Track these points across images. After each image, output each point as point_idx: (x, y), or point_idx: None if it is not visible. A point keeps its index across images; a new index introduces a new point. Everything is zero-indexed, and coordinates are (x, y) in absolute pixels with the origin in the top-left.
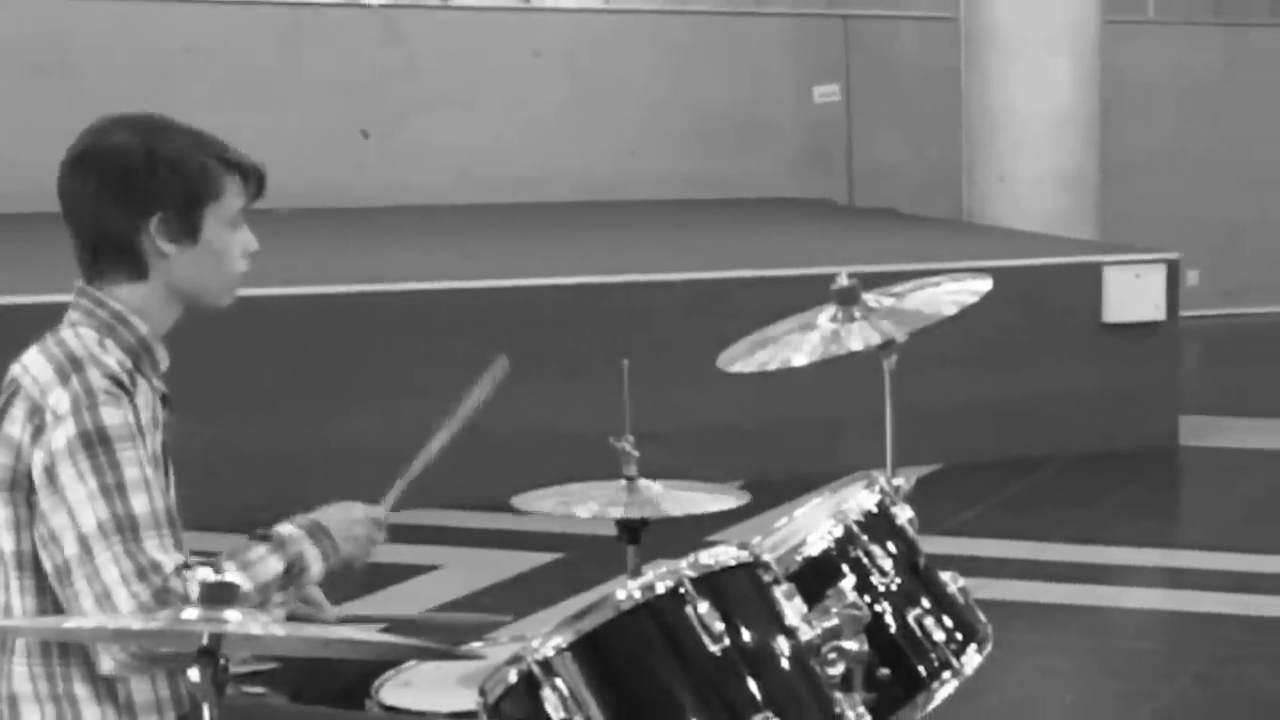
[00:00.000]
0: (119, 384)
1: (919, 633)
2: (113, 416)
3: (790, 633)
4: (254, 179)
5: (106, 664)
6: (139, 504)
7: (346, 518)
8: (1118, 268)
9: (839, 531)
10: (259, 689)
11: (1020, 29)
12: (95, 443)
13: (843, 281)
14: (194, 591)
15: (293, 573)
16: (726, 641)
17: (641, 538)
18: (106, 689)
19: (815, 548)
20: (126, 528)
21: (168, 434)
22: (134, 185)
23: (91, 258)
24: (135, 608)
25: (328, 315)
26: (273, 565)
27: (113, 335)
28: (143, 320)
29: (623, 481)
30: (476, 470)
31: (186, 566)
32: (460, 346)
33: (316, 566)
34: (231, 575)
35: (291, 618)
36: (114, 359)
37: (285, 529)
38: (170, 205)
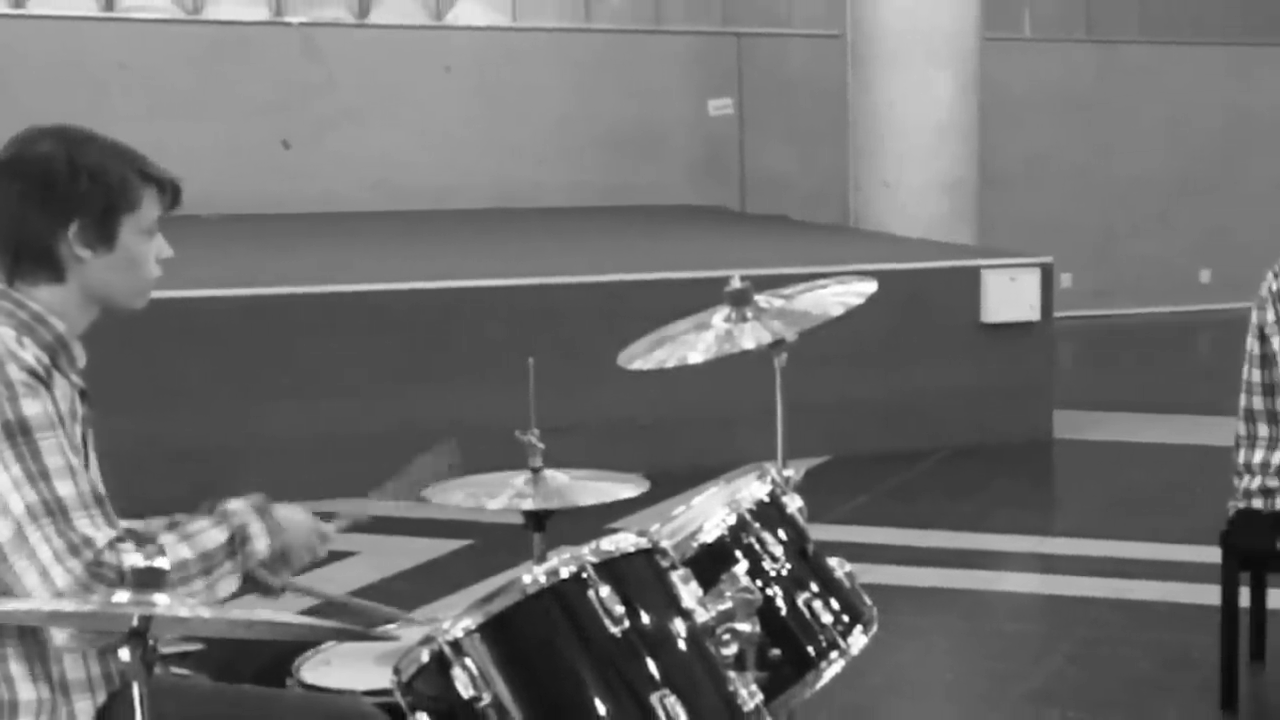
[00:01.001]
0: (36, 376)
1: (808, 615)
2: (32, 407)
3: (687, 615)
4: (170, 191)
5: (59, 638)
6: (64, 488)
7: (294, 514)
8: (995, 271)
9: (733, 520)
10: (185, 670)
11: (904, 45)
12: (16, 432)
13: (736, 284)
14: (129, 562)
15: (236, 543)
16: (626, 623)
17: (547, 525)
18: (41, 668)
19: (710, 535)
20: (55, 510)
21: (86, 427)
22: (56, 193)
23: (12, 260)
24: (71, 583)
25: (252, 316)
26: (215, 535)
27: (31, 334)
28: (60, 320)
29: (529, 473)
30: (392, 461)
31: (121, 540)
32: (377, 345)
33: (261, 542)
34: (172, 546)
35: (249, 579)
36: (31, 355)
37: (232, 504)
38: (89, 213)
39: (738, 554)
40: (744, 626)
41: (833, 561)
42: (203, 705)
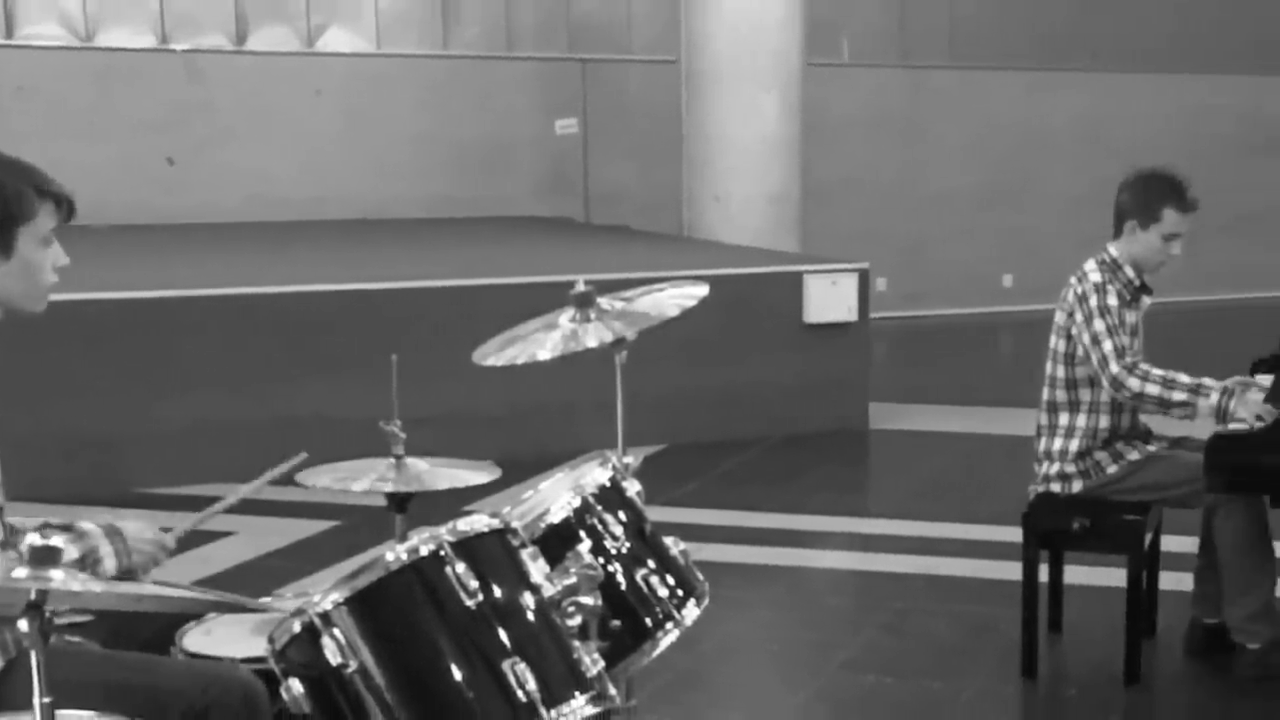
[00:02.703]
0: None
1: (646, 589)
2: None
3: (535, 590)
4: (65, 204)
5: None
6: None
7: (140, 532)
8: (816, 276)
9: (577, 502)
10: (77, 638)
11: (733, 69)
12: None
13: (580, 288)
14: (26, 542)
15: (87, 563)
16: (480, 597)
17: (408, 508)
18: None
19: (557, 516)
20: None
21: None
22: None
23: None
24: None
25: (139, 317)
26: (69, 553)
27: None
28: None
29: (392, 459)
30: (266, 449)
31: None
32: (253, 344)
33: (109, 562)
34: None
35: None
36: None
37: (85, 525)
38: None
39: (582, 534)
40: (587, 600)
41: (668, 540)
42: (94, 670)
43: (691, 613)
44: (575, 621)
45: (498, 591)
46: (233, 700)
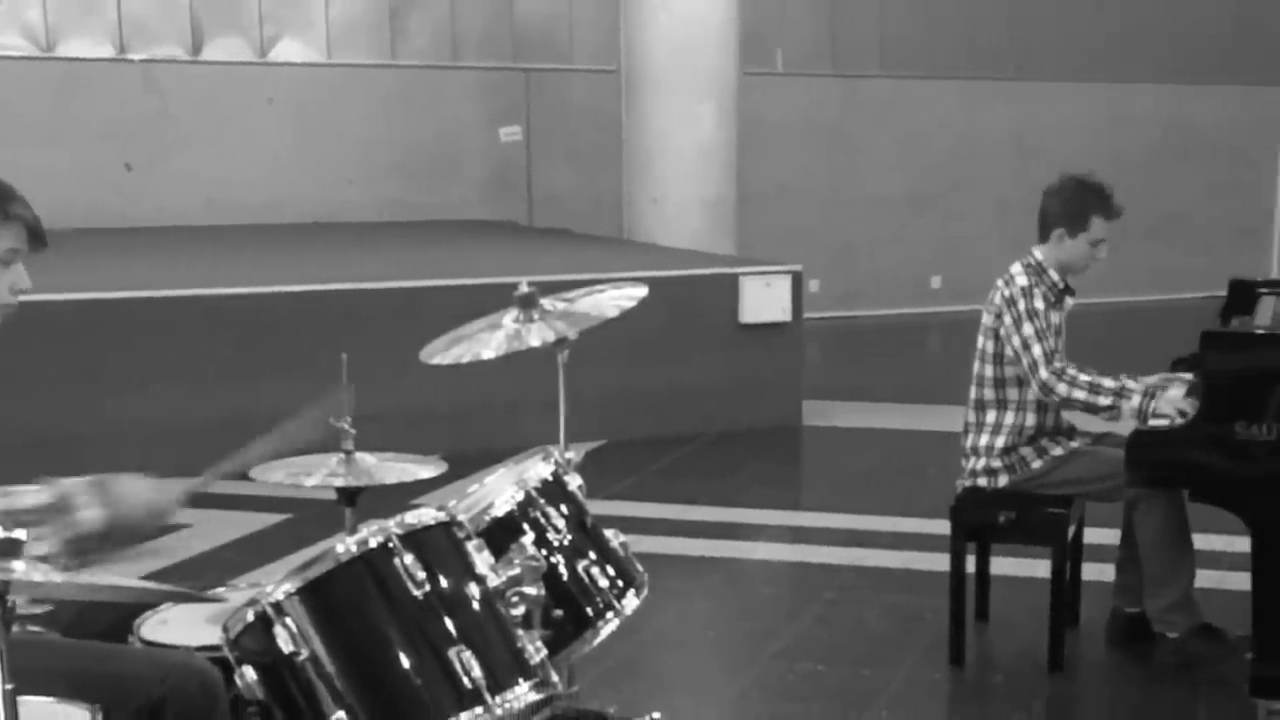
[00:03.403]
0: None
1: (587, 580)
2: None
3: (480, 580)
4: (33, 231)
5: None
6: None
7: (134, 484)
8: (751, 277)
9: (521, 496)
10: (38, 627)
11: (671, 79)
12: None
13: (524, 289)
14: None
15: (59, 507)
16: (428, 587)
17: (357, 501)
18: None
19: (501, 509)
20: None
21: None
22: None
23: None
24: None
25: (98, 317)
26: (35, 497)
27: None
28: None
29: (342, 455)
30: (219, 445)
31: None
32: (208, 343)
33: (90, 512)
34: None
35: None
36: None
37: (65, 480)
38: None
39: (525, 526)
40: (531, 590)
41: (609, 533)
42: (54, 658)
43: (631, 602)
44: (519, 611)
45: (444, 582)
46: (190, 687)
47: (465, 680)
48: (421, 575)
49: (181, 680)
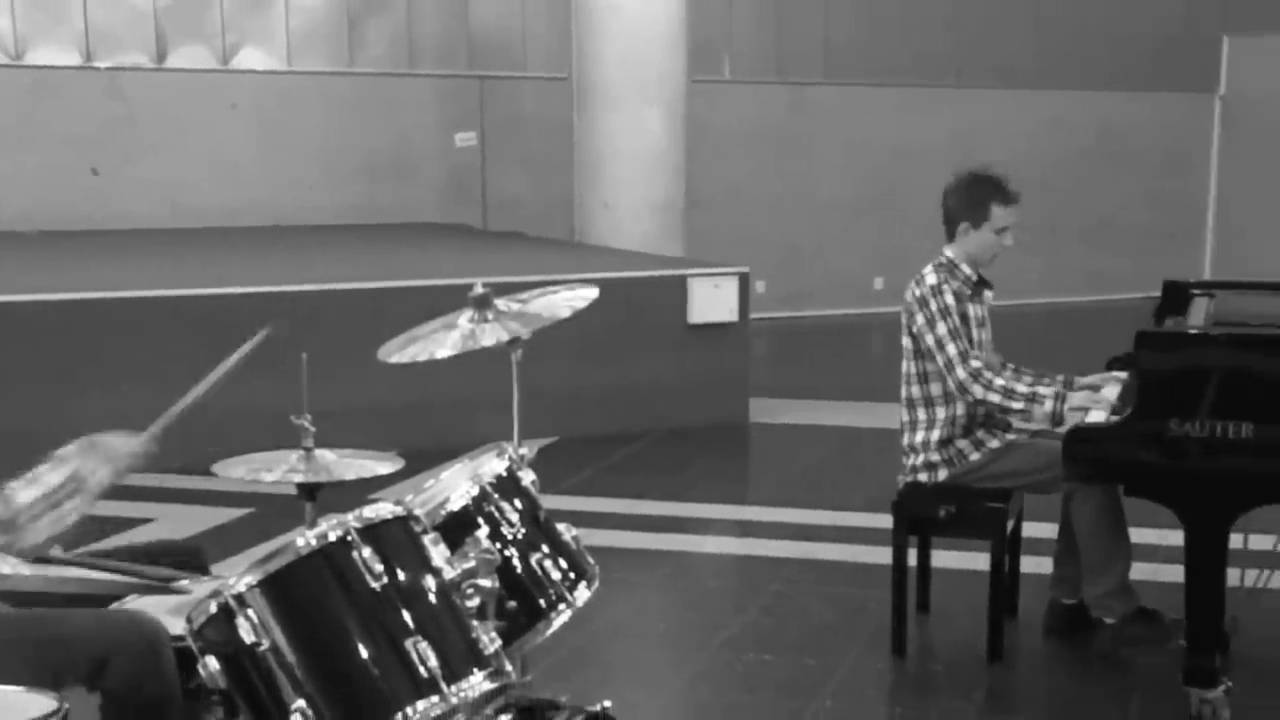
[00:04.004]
0: None
1: (540, 572)
2: None
3: (436, 573)
4: None
5: None
6: None
7: (116, 439)
8: (700, 279)
9: (475, 491)
10: None
11: (621, 86)
12: None
13: (478, 290)
14: None
15: (76, 479)
16: (385, 580)
17: (317, 496)
18: None
19: (456, 504)
20: None
21: None
22: None
23: None
24: None
25: (65, 316)
26: (57, 475)
27: None
28: None
29: (302, 451)
30: (185, 441)
31: None
32: (172, 342)
33: (98, 475)
34: (19, 490)
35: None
36: None
37: (63, 450)
38: None
39: (480, 520)
40: (485, 582)
41: (561, 526)
42: (6, 629)
43: (583, 594)
44: (474, 602)
45: (401, 574)
46: (132, 639)
47: (421, 670)
48: (379, 568)
49: (124, 634)
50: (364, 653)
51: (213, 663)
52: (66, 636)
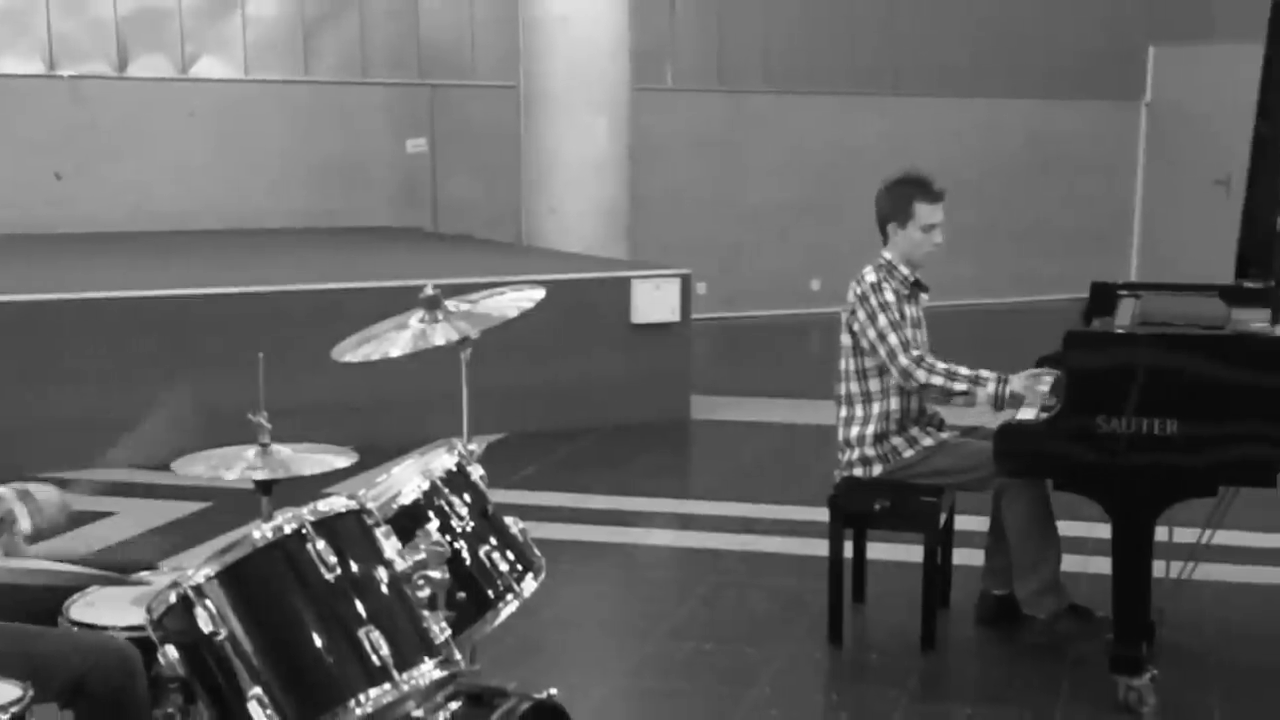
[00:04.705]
0: None
1: (488, 564)
2: None
3: (388, 564)
4: None
5: None
6: None
7: (47, 494)
8: (643, 280)
9: (426, 485)
10: None
11: (567, 94)
12: None
13: (429, 291)
14: None
15: (5, 524)
16: (339, 571)
17: (273, 490)
18: None
19: (408, 498)
20: None
21: None
22: None
23: None
24: None
25: (29, 318)
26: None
27: None
28: None
29: (259, 447)
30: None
31: None
32: (132, 342)
33: (24, 522)
34: None
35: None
36: None
37: (1, 489)
38: None
39: (430, 514)
40: (435, 573)
41: (509, 519)
42: None
43: (530, 585)
44: (424, 593)
45: (354, 566)
46: (110, 663)
47: (374, 658)
48: (333, 560)
49: (101, 658)
50: (318, 641)
51: (172, 651)
52: (45, 654)
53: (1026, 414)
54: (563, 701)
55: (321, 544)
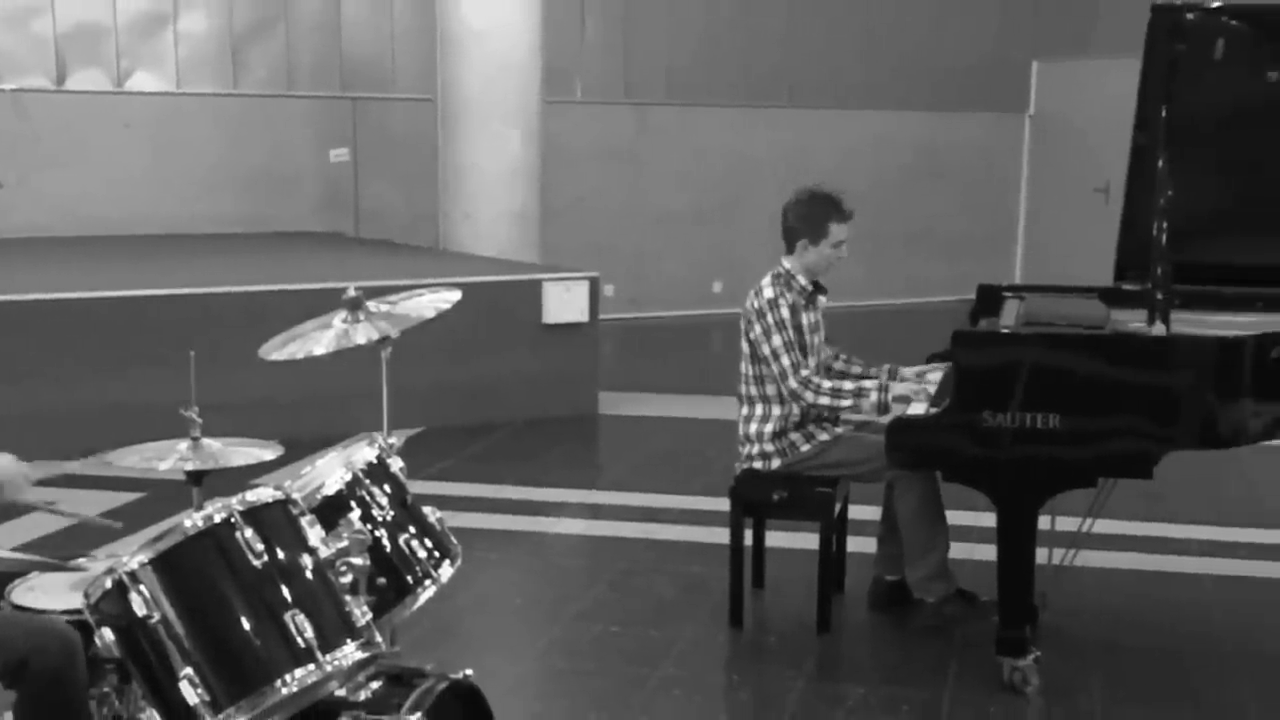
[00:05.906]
0: None
1: (407, 551)
2: None
3: (313, 552)
4: None
5: None
6: None
7: (5, 462)
8: (553, 283)
9: (349, 477)
10: None
11: (482, 107)
12: None
13: (351, 293)
14: None
15: None
16: (266, 558)
17: (204, 481)
18: None
19: (331, 489)
20: None
21: None
22: None
23: None
24: None
25: None
26: None
27: None
28: None
29: (190, 440)
30: (81, 432)
31: None
32: (73, 342)
33: None
34: None
35: None
36: None
37: None
38: None
39: (352, 504)
40: (357, 560)
41: (427, 509)
42: None
43: (446, 571)
44: (347, 579)
45: (280, 553)
46: (51, 646)
47: (299, 640)
48: (260, 547)
49: (43, 640)
50: (246, 625)
51: (108, 634)
52: None
53: (917, 409)
54: (477, 681)
55: (249, 532)
